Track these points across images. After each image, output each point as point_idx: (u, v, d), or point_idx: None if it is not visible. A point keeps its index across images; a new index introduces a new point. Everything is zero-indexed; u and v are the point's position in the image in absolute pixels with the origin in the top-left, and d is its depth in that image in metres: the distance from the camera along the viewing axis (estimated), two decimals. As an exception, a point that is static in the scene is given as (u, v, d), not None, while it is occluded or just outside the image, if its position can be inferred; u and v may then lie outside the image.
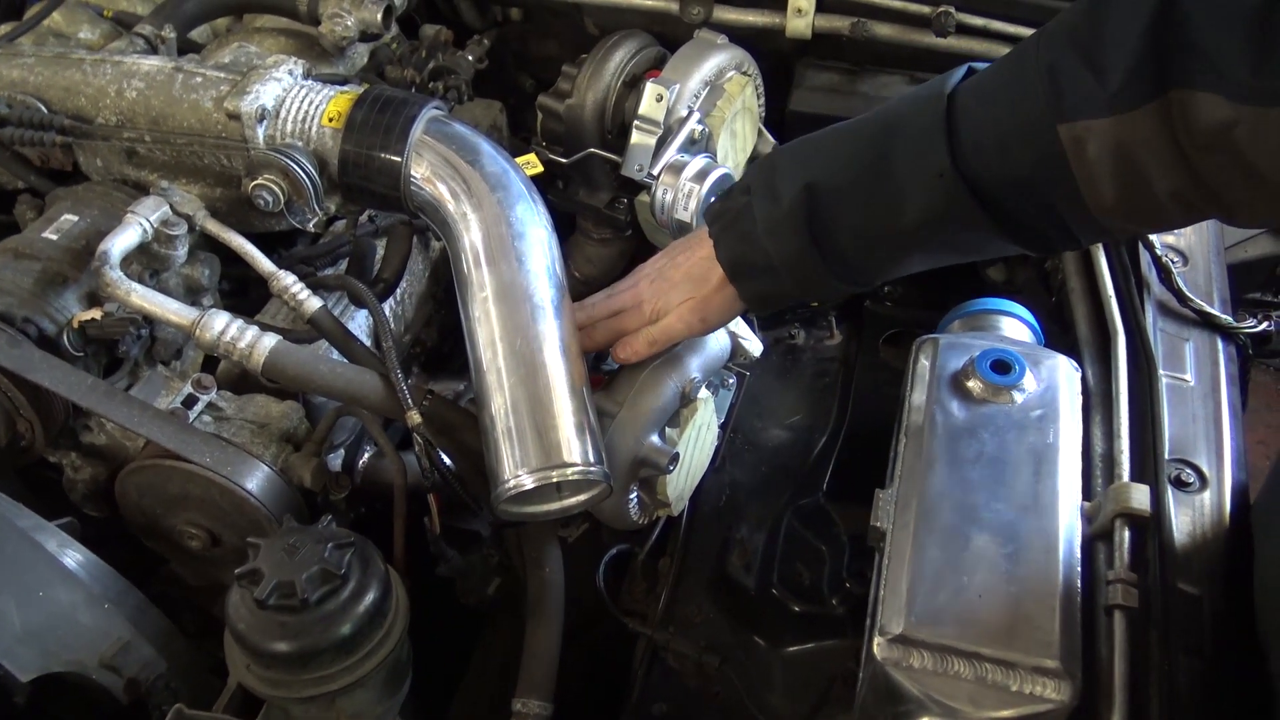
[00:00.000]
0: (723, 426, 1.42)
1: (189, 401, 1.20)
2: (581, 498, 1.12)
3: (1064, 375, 1.14)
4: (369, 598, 0.94)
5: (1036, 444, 1.08)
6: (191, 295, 1.29)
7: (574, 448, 1.06)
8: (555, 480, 1.05)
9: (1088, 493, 1.09)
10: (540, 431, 1.06)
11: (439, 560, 1.21)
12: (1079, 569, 1.01)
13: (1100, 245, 1.32)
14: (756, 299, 1.10)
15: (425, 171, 1.19)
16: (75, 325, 1.17)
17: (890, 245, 1.00)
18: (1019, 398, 1.11)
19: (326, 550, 0.92)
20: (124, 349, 1.21)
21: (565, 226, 1.68)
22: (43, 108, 1.28)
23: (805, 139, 1.05)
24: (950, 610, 0.96)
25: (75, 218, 1.25)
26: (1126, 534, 1.02)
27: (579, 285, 1.67)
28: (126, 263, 1.20)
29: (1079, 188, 0.87)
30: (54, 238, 1.22)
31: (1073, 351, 1.30)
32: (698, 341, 1.24)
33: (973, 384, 1.13)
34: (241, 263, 1.27)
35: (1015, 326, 1.27)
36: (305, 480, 1.19)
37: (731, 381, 1.39)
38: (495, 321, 1.12)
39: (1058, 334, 1.38)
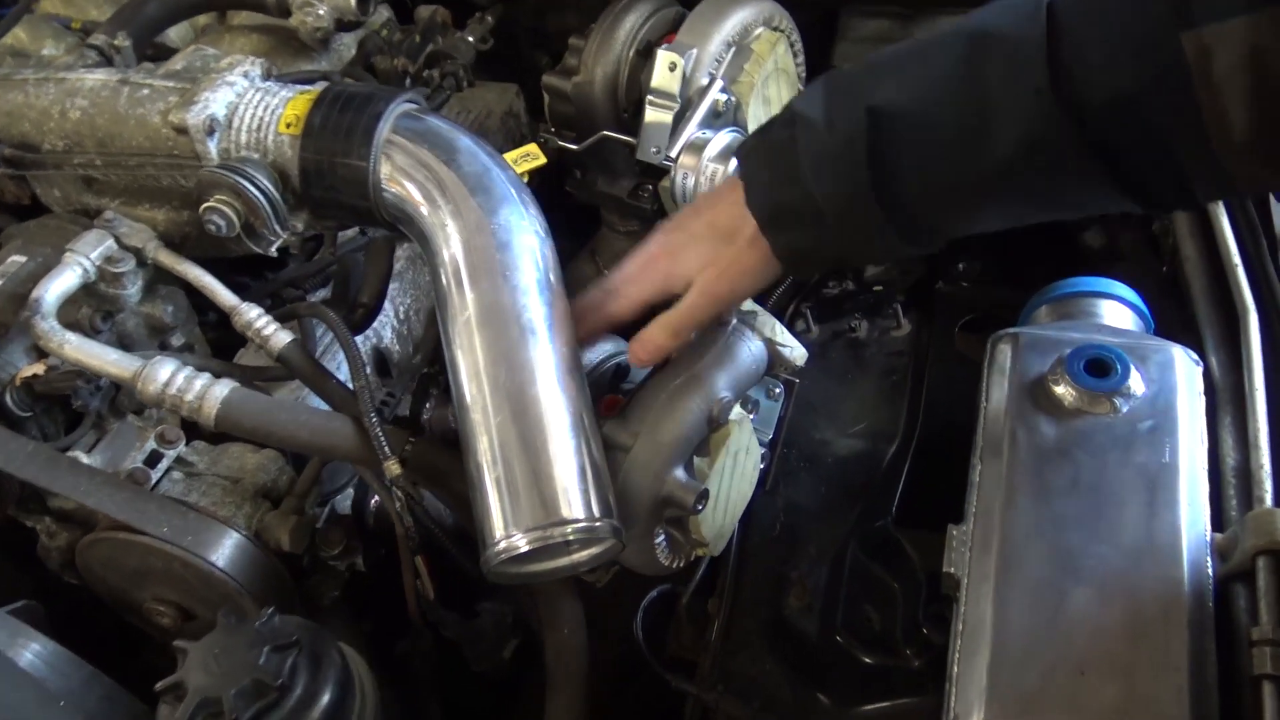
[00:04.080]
0: (772, 443, 1.22)
1: (153, 459, 1.06)
2: (590, 552, 0.94)
3: (1181, 372, 0.91)
4: (322, 703, 0.79)
5: (1149, 464, 0.86)
6: (157, 335, 1.15)
7: (574, 499, 0.89)
8: (555, 541, 0.88)
9: (1219, 522, 0.87)
10: (534, 480, 0.89)
11: (440, 626, 1.05)
12: (1212, 628, 0.79)
13: (1220, 202, 1.08)
14: (793, 255, 0.89)
15: (396, 176, 1.02)
16: (18, 382, 1.04)
17: (968, 188, 0.80)
18: (1123, 406, 0.89)
19: (262, 655, 0.76)
20: (80, 403, 1.07)
21: (590, 219, 1.51)
22: (-15, 138, 1.15)
23: (868, 58, 0.85)
24: (1046, 693, 0.76)
25: (23, 259, 1.12)
26: (1273, 576, 0.79)
27: (610, 285, 1.49)
28: (73, 307, 1.07)
29: (1203, 116, 0.68)
30: (-2, 283, 1.09)
31: (1191, 333, 1.06)
32: (726, 354, 1.04)
33: (1063, 390, 0.91)
34: (233, 288, 1.13)
35: (1117, 311, 1.04)
36: (283, 543, 1.04)
37: (779, 391, 1.19)
38: (479, 349, 0.94)
39: (1172, 311, 1.14)
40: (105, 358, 0.99)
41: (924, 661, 1.06)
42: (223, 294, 1.08)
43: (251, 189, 1.02)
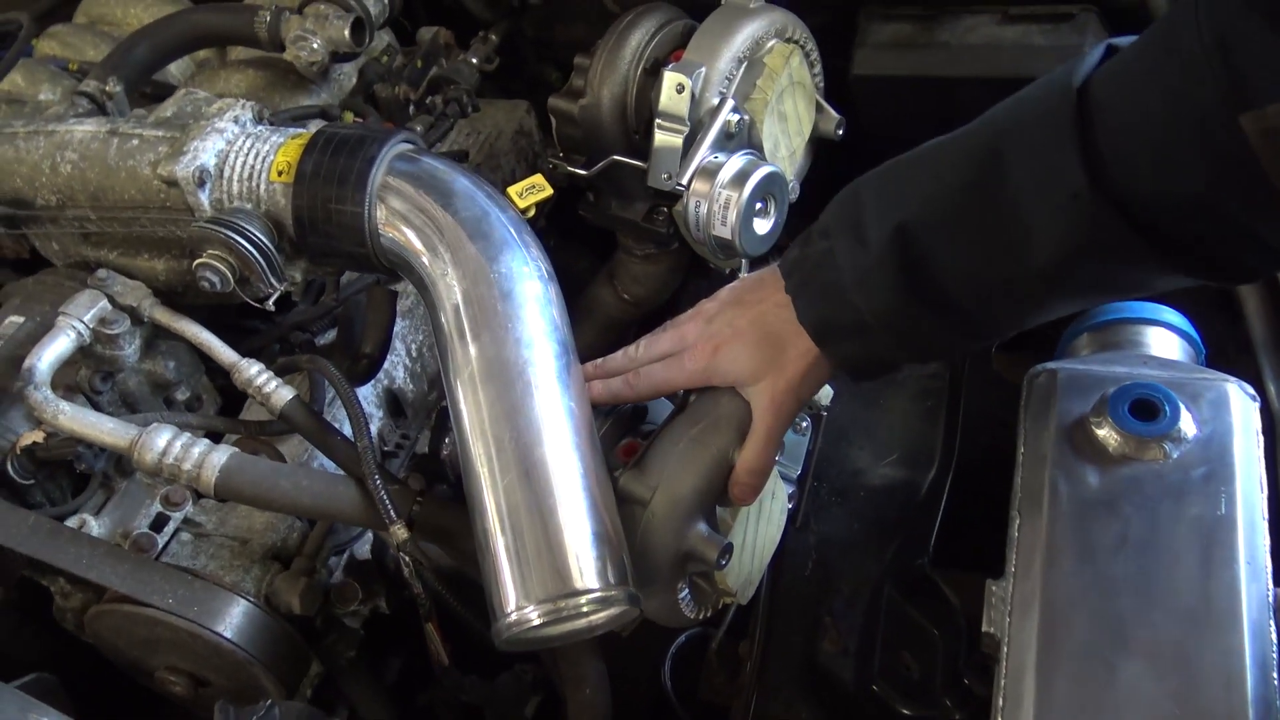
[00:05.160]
0: (801, 478, 1.16)
1: (159, 522, 1.04)
2: (606, 615, 0.89)
3: (1237, 411, 0.84)
4: (326, 802, 0.75)
5: (1203, 517, 0.79)
6: (160, 392, 1.12)
7: (588, 568, 0.84)
8: (567, 614, 0.84)
9: (1282, 576, 0.80)
10: (546, 548, 0.85)
11: (458, 691, 1.01)
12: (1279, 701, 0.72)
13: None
14: (853, 366, 0.89)
15: (393, 221, 0.98)
16: (18, 450, 1.01)
17: (1018, 292, 0.77)
18: (1173, 451, 0.82)
19: (257, 760, 0.72)
20: (84, 466, 1.05)
21: (610, 237, 1.45)
22: (-22, 195, 1.12)
23: (896, 163, 0.82)
24: (1094, 779, 0.70)
25: (20, 319, 1.09)
26: (1345, 638, 0.73)
27: (628, 307, 1.44)
28: (72, 368, 1.05)
29: None
30: (-5, 346, 1.06)
31: (1247, 354, 0.99)
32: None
33: (1106, 434, 0.84)
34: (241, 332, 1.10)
35: (1164, 339, 0.96)
36: (294, 606, 1.01)
37: (805, 425, 1.13)
38: (483, 406, 0.90)
39: (1225, 327, 1.07)
40: (101, 427, 0.95)
41: (965, 714, 1.00)
42: (221, 351, 1.05)
43: (244, 243, 0.98)
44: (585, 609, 0.84)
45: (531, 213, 1.15)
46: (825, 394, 1.03)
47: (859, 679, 1.07)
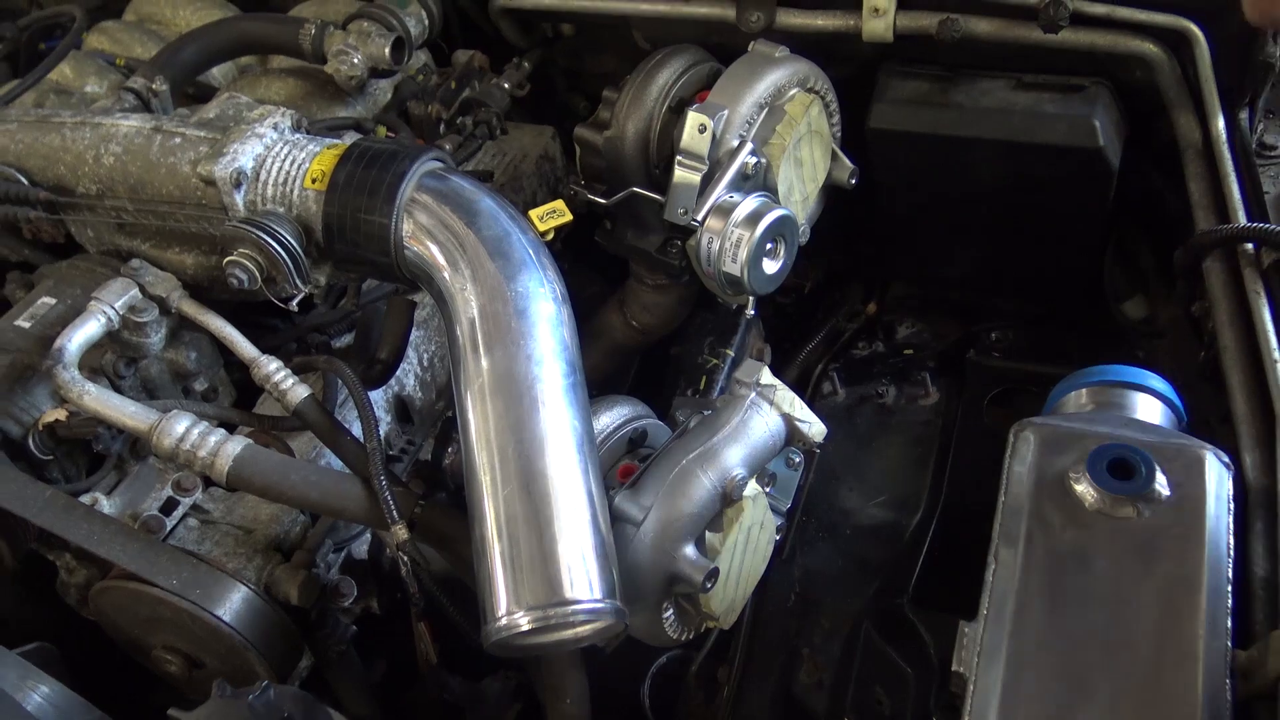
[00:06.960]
0: (790, 511, 1.20)
1: (168, 506, 1.07)
2: (592, 628, 0.93)
3: (1210, 476, 0.88)
4: (311, 784, 0.78)
5: (1170, 575, 0.83)
6: (180, 381, 1.16)
7: (579, 580, 0.88)
8: (555, 623, 0.87)
9: (1242, 638, 0.83)
10: (540, 558, 0.88)
11: (442, 691, 1.05)
12: (1229, 757, 0.75)
13: (1262, 290, 1.04)
14: None
15: (418, 234, 1.02)
16: (40, 426, 1.05)
17: None
18: (1146, 511, 0.86)
19: (249, 738, 0.76)
20: (101, 446, 1.09)
21: (622, 263, 1.49)
22: (23, 179, 1.17)
23: None
24: (1047, 819, 0.73)
25: (52, 301, 1.14)
26: (1298, 702, 0.76)
27: (636, 335, 1.48)
28: (98, 351, 1.09)
29: None
30: (26, 326, 1.11)
31: (1228, 424, 1.03)
32: (742, 429, 1.03)
33: (1084, 490, 0.88)
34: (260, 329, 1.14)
35: (1148, 404, 1.00)
36: (292, 597, 1.04)
37: (798, 460, 1.17)
38: (490, 417, 0.94)
39: (1210, 396, 1.10)
40: (124, 411, 0.99)
41: (933, 752, 1.03)
42: (243, 346, 1.09)
43: (274, 245, 1.02)
44: (573, 619, 0.87)
45: (550, 236, 1.19)
46: (818, 432, 1.07)
47: (832, 711, 1.10)
